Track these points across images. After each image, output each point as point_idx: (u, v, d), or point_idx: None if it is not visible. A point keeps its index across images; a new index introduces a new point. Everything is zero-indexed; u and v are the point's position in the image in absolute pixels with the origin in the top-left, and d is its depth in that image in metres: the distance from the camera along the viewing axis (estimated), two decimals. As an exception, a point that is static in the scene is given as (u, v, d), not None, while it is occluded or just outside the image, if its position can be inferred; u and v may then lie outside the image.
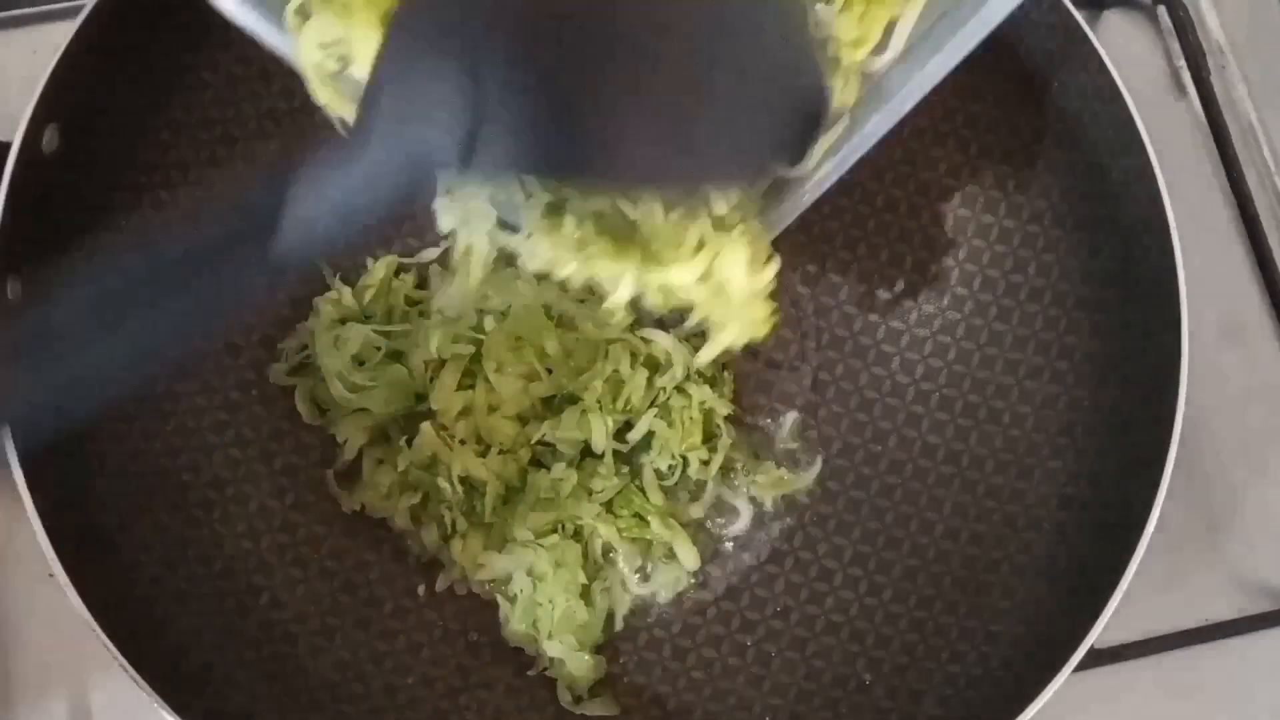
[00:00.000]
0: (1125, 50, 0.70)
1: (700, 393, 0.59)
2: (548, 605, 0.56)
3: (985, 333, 0.60)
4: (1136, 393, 0.54)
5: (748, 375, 0.63)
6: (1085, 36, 0.54)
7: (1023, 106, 0.59)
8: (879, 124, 0.44)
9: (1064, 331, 0.58)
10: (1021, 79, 0.58)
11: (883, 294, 0.63)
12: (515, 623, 0.56)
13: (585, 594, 0.56)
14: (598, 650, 0.57)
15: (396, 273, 0.61)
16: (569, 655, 0.55)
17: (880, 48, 0.44)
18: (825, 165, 0.44)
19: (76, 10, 0.52)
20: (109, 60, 0.54)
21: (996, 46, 0.42)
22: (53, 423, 0.35)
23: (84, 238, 0.55)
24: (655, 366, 0.60)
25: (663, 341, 0.59)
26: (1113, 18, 0.71)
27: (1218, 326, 0.65)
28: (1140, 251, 0.54)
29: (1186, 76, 0.69)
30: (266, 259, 0.33)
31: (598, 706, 0.56)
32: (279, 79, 0.60)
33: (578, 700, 0.56)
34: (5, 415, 0.35)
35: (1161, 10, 0.70)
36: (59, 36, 0.52)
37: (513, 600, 0.57)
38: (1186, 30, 0.68)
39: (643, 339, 0.59)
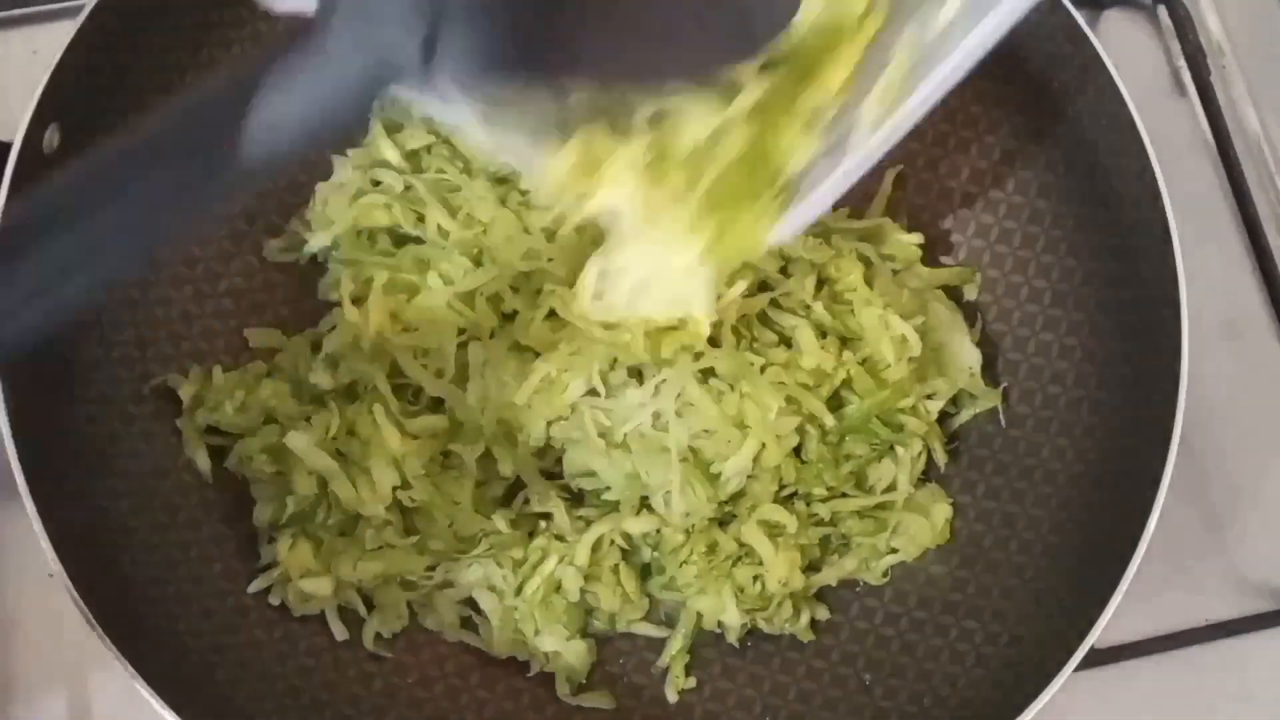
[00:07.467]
0: (1125, 50, 0.70)
1: None
2: (523, 605, 0.55)
3: (985, 334, 0.60)
4: (1137, 392, 0.54)
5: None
6: (1085, 36, 0.54)
7: (1022, 107, 0.59)
8: (918, 103, 0.43)
9: (1064, 332, 0.58)
10: (1021, 80, 0.58)
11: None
12: (499, 635, 0.56)
13: (554, 582, 0.55)
14: (594, 641, 0.57)
15: None
16: (562, 645, 0.55)
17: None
18: (870, 139, 0.44)
19: (77, 10, 0.53)
20: (110, 60, 0.54)
21: (995, 47, 0.42)
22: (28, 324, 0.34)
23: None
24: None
25: None
26: (1113, 17, 0.71)
27: (1218, 326, 0.65)
28: (1140, 251, 0.54)
29: (1186, 76, 0.69)
30: (231, 162, 0.34)
31: (594, 699, 0.56)
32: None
33: (576, 692, 0.56)
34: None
35: (1161, 10, 0.70)
36: (60, 36, 0.52)
37: (488, 617, 0.56)
38: (1187, 30, 0.68)
39: None
